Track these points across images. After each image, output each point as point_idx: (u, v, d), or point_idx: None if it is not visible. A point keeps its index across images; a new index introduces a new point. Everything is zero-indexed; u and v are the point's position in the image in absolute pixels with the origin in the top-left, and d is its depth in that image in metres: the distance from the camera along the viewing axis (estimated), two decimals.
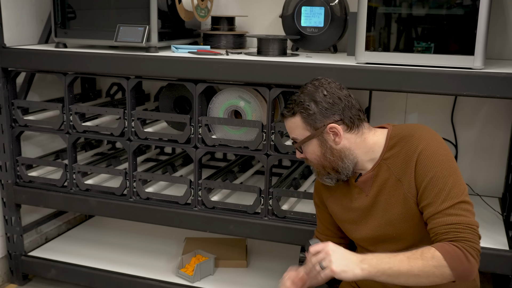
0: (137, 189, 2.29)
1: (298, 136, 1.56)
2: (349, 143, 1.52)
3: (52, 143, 2.84)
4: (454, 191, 1.40)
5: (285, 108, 1.57)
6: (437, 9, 1.83)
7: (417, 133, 1.49)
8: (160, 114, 2.32)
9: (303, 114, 1.51)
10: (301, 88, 1.56)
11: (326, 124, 1.50)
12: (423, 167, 1.43)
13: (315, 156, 1.55)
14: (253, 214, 2.17)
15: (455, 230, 1.37)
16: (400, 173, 1.49)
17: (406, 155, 1.47)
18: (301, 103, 1.52)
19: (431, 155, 1.44)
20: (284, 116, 1.57)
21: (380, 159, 1.53)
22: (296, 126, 1.55)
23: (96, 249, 2.67)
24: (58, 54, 2.27)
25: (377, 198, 1.54)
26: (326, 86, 1.52)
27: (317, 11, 2.28)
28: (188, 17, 2.39)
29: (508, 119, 2.38)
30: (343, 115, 1.51)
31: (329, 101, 1.50)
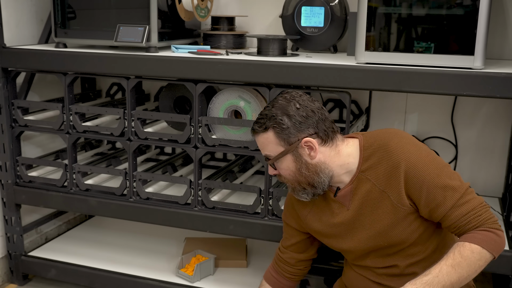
0: (137, 189, 2.29)
1: (271, 152, 1.51)
2: (324, 157, 1.49)
3: (52, 143, 2.84)
4: (453, 183, 1.42)
5: (255, 123, 1.52)
6: (437, 9, 1.83)
7: (392, 143, 1.46)
8: (160, 114, 2.32)
9: (276, 129, 1.47)
10: (271, 102, 1.52)
11: (301, 138, 1.47)
12: (415, 180, 1.42)
13: (289, 172, 1.51)
14: (253, 214, 2.17)
15: (475, 215, 1.40)
16: (383, 185, 1.47)
17: (387, 168, 1.45)
18: (273, 118, 1.47)
19: (416, 165, 1.42)
20: (256, 132, 1.53)
21: (357, 171, 1.50)
22: (268, 142, 1.50)
23: (96, 249, 2.67)
24: (58, 54, 2.27)
25: (361, 211, 1.52)
26: (298, 99, 1.49)
27: (317, 11, 2.28)
28: (188, 17, 2.39)
29: (508, 119, 2.38)
30: (317, 128, 1.48)
31: (303, 115, 1.47)
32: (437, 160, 1.45)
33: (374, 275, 1.58)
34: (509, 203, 2.21)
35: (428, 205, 1.43)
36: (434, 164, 1.43)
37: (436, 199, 1.42)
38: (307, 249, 1.76)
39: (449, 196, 1.41)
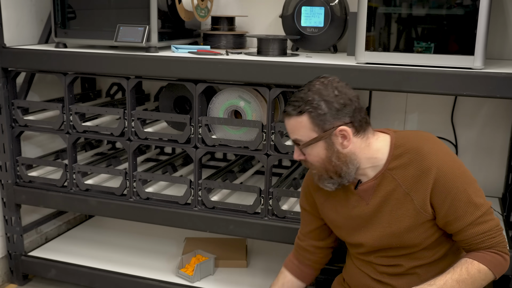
0: (137, 189, 2.29)
1: (302, 137, 1.45)
2: (355, 148, 1.45)
3: (52, 143, 2.84)
4: (477, 200, 1.41)
5: (289, 106, 1.46)
6: (437, 9, 1.83)
7: (425, 147, 1.44)
8: (160, 114, 2.32)
9: (312, 114, 1.41)
10: (308, 86, 1.46)
11: (336, 126, 1.42)
12: (443, 189, 1.41)
13: (318, 159, 1.46)
14: (253, 214, 2.16)
15: (490, 237, 1.41)
16: (409, 187, 1.44)
17: (417, 171, 1.43)
18: (309, 102, 1.41)
19: (447, 174, 1.41)
20: (288, 115, 1.46)
21: (384, 168, 1.47)
22: (301, 126, 1.44)
23: (96, 249, 2.67)
24: (58, 54, 2.27)
25: (380, 209, 1.49)
26: (336, 85, 1.44)
27: (317, 11, 2.28)
28: (188, 17, 2.39)
29: (508, 119, 2.38)
30: (353, 117, 1.43)
31: (341, 102, 1.42)
32: (466, 173, 1.44)
33: (375, 272, 1.57)
34: (509, 203, 2.21)
35: (447, 216, 1.42)
36: (463, 178, 1.42)
37: (457, 212, 1.41)
38: (325, 236, 1.72)
39: (470, 213, 1.40)
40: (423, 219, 1.45)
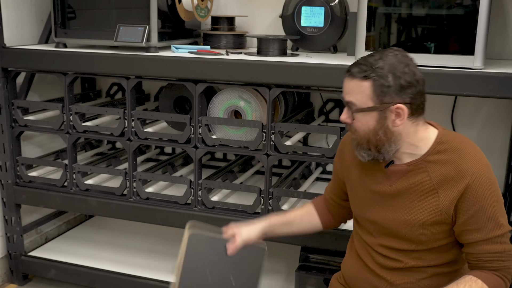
0: (137, 189, 2.29)
1: (357, 101, 1.40)
2: (403, 129, 1.42)
3: (52, 143, 2.84)
4: (501, 219, 1.41)
5: (355, 67, 1.41)
6: (437, 9, 1.83)
7: (468, 152, 1.42)
8: (160, 114, 2.32)
9: (376, 83, 1.37)
10: (380, 53, 1.40)
11: (395, 102, 1.37)
12: (472, 197, 1.39)
13: (365, 128, 1.42)
14: (253, 214, 2.16)
15: (500, 259, 1.41)
16: (440, 184, 1.42)
17: (453, 172, 1.41)
18: (377, 70, 1.36)
19: (481, 184, 1.39)
20: (352, 76, 1.40)
21: (421, 158, 1.44)
22: (360, 90, 1.39)
23: (96, 249, 2.67)
24: (58, 54, 2.27)
25: (402, 194, 1.48)
26: (408, 63, 1.39)
27: (317, 11, 2.28)
28: (188, 17, 2.39)
29: (508, 119, 2.38)
30: (414, 99, 1.39)
31: (408, 80, 1.37)
32: (498, 191, 1.43)
33: (373, 263, 1.56)
34: (509, 203, 2.21)
35: (466, 224, 1.41)
36: (495, 193, 1.41)
37: (477, 224, 1.39)
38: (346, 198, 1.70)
39: (490, 228, 1.39)
40: (441, 219, 1.43)
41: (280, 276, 2.46)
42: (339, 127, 2.03)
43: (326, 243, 2.08)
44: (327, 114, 2.64)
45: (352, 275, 1.64)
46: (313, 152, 2.12)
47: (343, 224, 2.10)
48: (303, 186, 2.39)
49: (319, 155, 2.07)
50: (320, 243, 2.09)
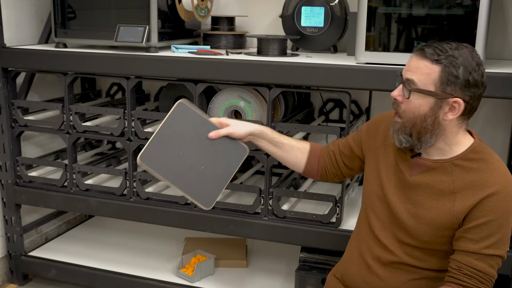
0: (137, 189, 2.29)
1: (419, 82, 1.37)
2: (448, 126, 1.40)
3: (52, 143, 2.84)
4: (501, 242, 1.39)
5: (430, 48, 1.37)
6: (437, 9, 1.83)
7: (497, 166, 1.41)
8: (160, 114, 2.32)
9: (446, 70, 1.34)
10: (457, 44, 1.37)
11: (455, 96, 1.35)
12: (488, 207, 1.37)
13: (415, 111, 1.39)
14: (253, 214, 2.17)
15: (479, 279, 1.39)
16: (460, 190, 1.41)
17: (478, 181, 1.39)
18: (451, 58, 1.34)
19: (502, 200, 1.37)
20: (424, 56, 1.36)
21: (449, 159, 1.43)
22: (427, 72, 1.36)
23: (96, 249, 2.67)
24: (58, 54, 2.27)
25: (420, 188, 1.46)
26: (481, 63, 1.37)
27: (317, 11, 2.28)
28: (188, 17, 2.39)
29: (508, 119, 2.38)
30: (472, 100, 1.37)
31: (476, 80, 1.35)
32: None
33: (370, 255, 1.56)
34: None
35: (467, 232, 1.40)
36: (509, 215, 1.38)
37: (478, 235, 1.38)
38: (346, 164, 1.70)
39: (487, 245, 1.37)
40: (449, 224, 1.42)
41: (280, 276, 2.46)
42: (339, 127, 2.03)
43: (326, 243, 2.08)
44: (327, 114, 2.64)
45: (347, 269, 1.65)
46: None
47: (343, 224, 2.10)
48: (303, 186, 2.39)
49: None
50: (320, 243, 2.09)
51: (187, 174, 1.55)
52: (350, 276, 1.63)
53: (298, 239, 2.11)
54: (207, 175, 1.57)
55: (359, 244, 1.62)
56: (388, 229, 1.53)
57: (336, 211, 2.07)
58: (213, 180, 1.58)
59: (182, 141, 1.56)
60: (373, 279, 1.55)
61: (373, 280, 1.55)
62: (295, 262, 2.36)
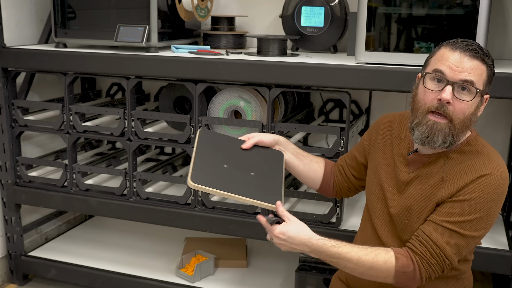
0: (137, 189, 2.29)
1: (477, 82, 1.36)
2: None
3: (52, 143, 2.84)
4: (469, 224, 1.36)
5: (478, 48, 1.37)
6: (437, 9, 1.83)
7: (490, 156, 1.41)
8: (160, 114, 2.32)
9: (490, 70, 1.38)
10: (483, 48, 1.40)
11: (488, 92, 1.41)
12: (471, 187, 1.37)
13: (466, 111, 1.37)
14: (253, 214, 2.16)
15: (430, 250, 1.38)
16: (448, 177, 1.41)
17: (468, 169, 1.40)
18: (490, 58, 1.38)
19: (486, 183, 1.36)
20: (475, 55, 1.36)
21: (444, 152, 1.44)
22: (480, 72, 1.36)
23: (96, 249, 2.67)
24: (58, 54, 2.27)
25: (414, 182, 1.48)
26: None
27: (317, 11, 2.28)
28: (188, 17, 2.39)
29: (508, 119, 2.38)
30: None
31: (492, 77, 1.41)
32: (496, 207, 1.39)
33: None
34: (509, 203, 2.21)
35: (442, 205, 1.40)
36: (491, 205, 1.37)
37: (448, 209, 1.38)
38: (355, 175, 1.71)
39: (453, 221, 1.37)
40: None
41: (280, 276, 2.46)
42: (339, 127, 2.03)
43: None
44: (327, 114, 2.64)
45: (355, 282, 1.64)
46: (313, 152, 2.11)
47: (343, 224, 2.10)
48: (303, 186, 2.39)
49: (319, 155, 2.07)
50: None
51: (240, 182, 1.50)
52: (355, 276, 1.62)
53: None
54: (259, 179, 1.53)
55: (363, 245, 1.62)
56: (390, 228, 1.54)
57: (336, 211, 2.07)
58: (268, 183, 1.53)
59: (221, 157, 1.54)
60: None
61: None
62: (295, 262, 2.36)
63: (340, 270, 1.75)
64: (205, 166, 1.50)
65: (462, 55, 1.36)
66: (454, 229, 1.37)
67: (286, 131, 2.23)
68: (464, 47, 1.37)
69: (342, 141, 2.00)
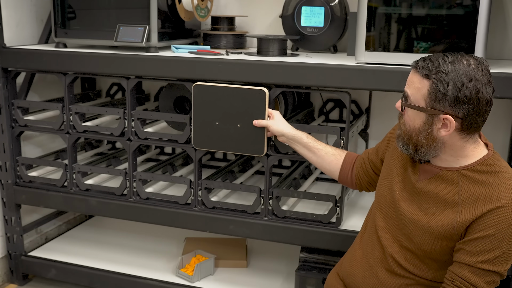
0: (137, 189, 2.29)
1: (412, 96, 1.38)
2: (449, 140, 1.37)
3: (52, 143, 2.84)
4: (501, 259, 1.34)
5: (424, 62, 1.36)
6: (437, 9, 1.83)
7: (508, 181, 1.35)
8: (160, 114, 2.32)
9: (434, 86, 1.32)
10: (456, 57, 1.34)
11: (446, 112, 1.33)
12: (491, 220, 1.33)
13: (411, 124, 1.40)
14: (253, 214, 2.16)
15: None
16: (465, 201, 1.37)
17: (484, 194, 1.35)
18: (441, 74, 1.31)
19: (505, 215, 1.32)
20: (416, 68, 1.37)
21: (457, 169, 1.40)
22: (418, 87, 1.36)
23: (96, 249, 2.67)
24: (58, 54, 2.27)
25: (424, 195, 1.44)
26: (478, 77, 1.31)
27: (317, 11, 2.28)
28: (188, 17, 2.39)
29: (508, 119, 2.38)
30: (466, 116, 1.33)
31: (467, 95, 1.30)
32: None
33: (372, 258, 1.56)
34: None
35: (467, 244, 1.36)
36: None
37: (476, 248, 1.34)
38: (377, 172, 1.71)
39: (484, 260, 1.34)
40: (450, 235, 1.40)
41: (280, 276, 2.46)
42: (339, 127, 2.03)
43: (326, 243, 2.08)
44: (327, 114, 2.64)
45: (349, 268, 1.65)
46: None
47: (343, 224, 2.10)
48: (303, 186, 2.39)
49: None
50: (320, 243, 2.09)
51: (230, 137, 1.97)
52: (351, 275, 1.63)
53: (298, 239, 2.11)
54: (246, 129, 1.94)
55: (364, 245, 1.62)
56: (393, 233, 1.53)
57: (336, 211, 2.07)
58: (253, 131, 1.94)
59: (213, 114, 1.97)
60: (372, 280, 1.55)
61: (372, 281, 1.55)
62: (295, 262, 2.36)
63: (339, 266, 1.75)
64: (202, 127, 2.02)
65: (411, 69, 1.40)
66: (489, 268, 1.34)
67: None
68: (418, 61, 1.39)
69: (342, 141, 2.00)
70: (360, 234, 1.69)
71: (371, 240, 1.60)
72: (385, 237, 1.54)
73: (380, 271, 1.54)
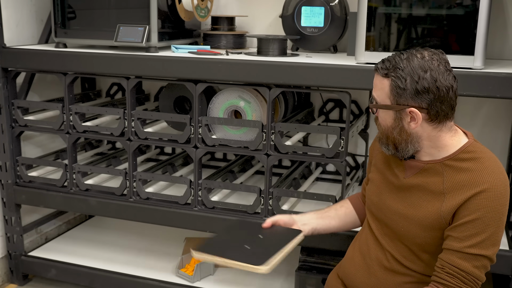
0: (137, 189, 2.29)
1: (378, 97, 1.45)
2: (422, 132, 1.42)
3: (52, 143, 2.84)
4: (488, 242, 1.36)
5: (382, 63, 1.44)
6: (437, 9, 1.83)
7: (489, 165, 1.39)
8: (160, 114, 2.32)
9: (393, 83, 1.39)
10: (409, 53, 1.40)
11: (410, 105, 1.39)
12: (475, 205, 1.36)
13: (384, 124, 1.47)
14: (253, 214, 2.16)
15: (462, 279, 1.38)
16: (449, 190, 1.41)
17: (467, 180, 1.38)
18: (398, 71, 1.38)
19: (490, 198, 1.35)
20: (377, 71, 1.45)
21: (440, 160, 1.44)
22: (381, 87, 1.43)
23: (96, 249, 2.67)
24: (58, 54, 2.27)
25: (412, 189, 1.48)
26: (434, 68, 1.37)
27: (317, 11, 2.28)
28: (188, 17, 2.39)
29: (508, 119, 2.38)
30: (431, 106, 1.38)
31: (425, 86, 1.36)
32: (503, 215, 1.38)
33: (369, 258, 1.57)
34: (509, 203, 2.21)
35: (453, 230, 1.39)
36: (499, 215, 1.36)
37: (463, 233, 1.37)
38: None
39: (472, 244, 1.36)
40: (438, 225, 1.42)
41: (280, 276, 2.46)
42: (339, 127, 2.03)
43: (326, 243, 2.08)
44: (327, 114, 2.64)
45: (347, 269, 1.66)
46: (313, 152, 2.12)
47: None
48: (303, 186, 2.39)
49: (319, 155, 2.07)
50: (320, 243, 2.09)
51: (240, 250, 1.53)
52: (350, 276, 1.63)
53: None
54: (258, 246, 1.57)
55: (361, 245, 1.64)
56: (386, 232, 1.55)
57: None
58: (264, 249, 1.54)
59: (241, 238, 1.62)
60: (372, 280, 1.56)
61: (371, 281, 1.56)
62: (295, 262, 2.35)
63: (338, 267, 1.76)
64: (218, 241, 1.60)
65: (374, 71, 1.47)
66: (477, 252, 1.36)
67: (286, 131, 2.23)
68: (377, 63, 1.46)
69: (342, 141, 2.00)
70: (358, 234, 1.70)
71: (366, 240, 1.61)
72: (381, 237, 1.56)
73: (379, 270, 1.55)
